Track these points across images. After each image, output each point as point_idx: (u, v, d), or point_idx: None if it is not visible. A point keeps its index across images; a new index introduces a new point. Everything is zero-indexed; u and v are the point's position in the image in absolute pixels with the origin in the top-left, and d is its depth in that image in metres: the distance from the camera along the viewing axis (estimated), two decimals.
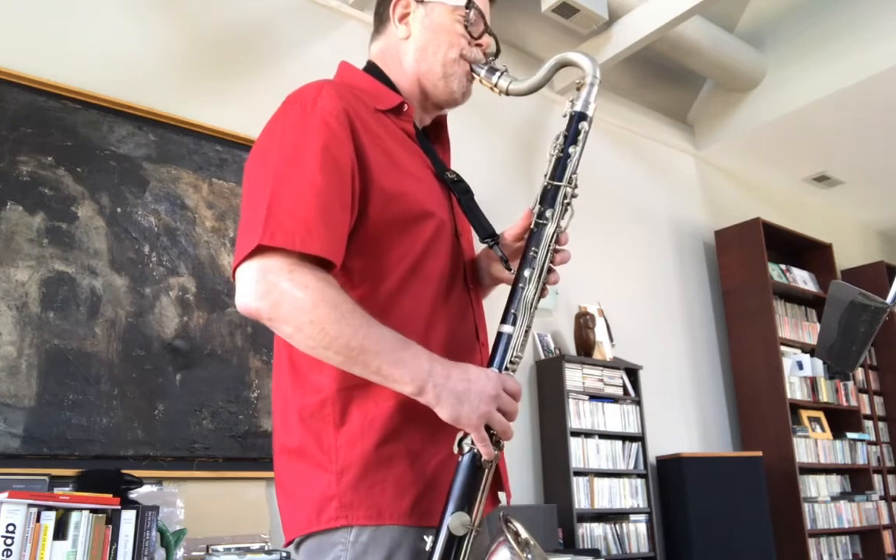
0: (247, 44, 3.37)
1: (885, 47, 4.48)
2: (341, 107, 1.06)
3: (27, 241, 2.57)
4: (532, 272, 1.08)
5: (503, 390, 1.00)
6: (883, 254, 6.79)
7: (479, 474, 0.99)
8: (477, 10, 1.24)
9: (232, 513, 2.72)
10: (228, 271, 3.01)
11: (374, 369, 0.97)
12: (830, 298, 1.43)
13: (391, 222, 1.07)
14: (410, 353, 0.98)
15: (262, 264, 0.97)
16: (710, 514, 4.03)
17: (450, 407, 0.97)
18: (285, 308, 0.96)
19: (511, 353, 1.04)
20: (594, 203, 4.62)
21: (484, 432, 0.98)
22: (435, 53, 1.22)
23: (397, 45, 1.25)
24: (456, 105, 1.27)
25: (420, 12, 1.24)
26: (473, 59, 1.23)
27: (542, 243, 1.09)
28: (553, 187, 1.13)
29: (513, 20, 4.30)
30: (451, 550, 0.95)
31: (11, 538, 1.92)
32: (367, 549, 0.99)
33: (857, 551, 5.18)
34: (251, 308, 0.99)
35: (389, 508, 1.00)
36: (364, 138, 1.07)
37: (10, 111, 2.64)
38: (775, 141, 5.29)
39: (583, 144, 1.15)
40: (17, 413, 2.43)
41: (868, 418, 5.60)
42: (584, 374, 3.98)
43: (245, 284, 0.98)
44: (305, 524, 1.03)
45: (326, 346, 0.96)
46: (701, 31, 4.48)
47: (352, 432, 1.02)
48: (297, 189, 0.99)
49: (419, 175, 1.15)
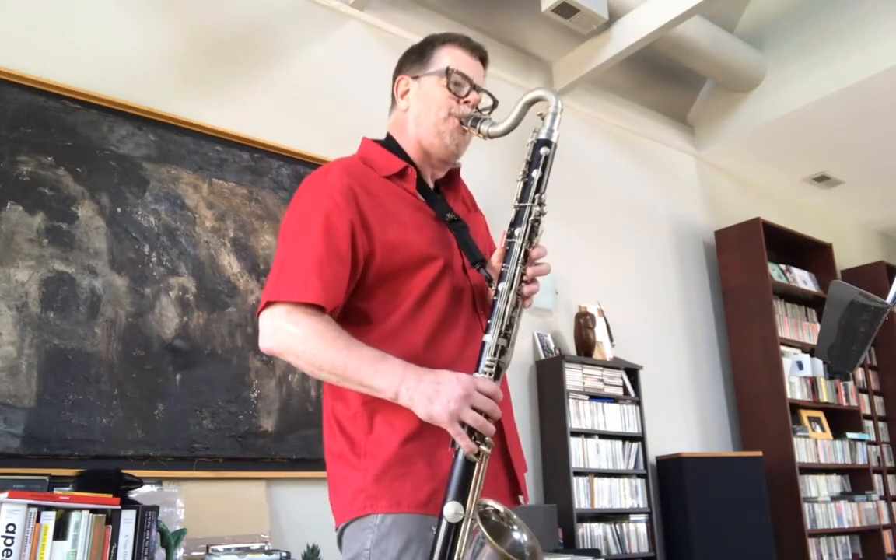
0: (247, 44, 3.37)
1: (885, 47, 4.48)
2: (345, 182, 1.31)
3: (27, 241, 2.57)
4: (504, 285, 1.24)
5: (476, 390, 1.15)
6: (883, 254, 6.79)
7: (469, 468, 1.13)
8: (459, 74, 1.43)
9: (232, 513, 2.72)
10: (228, 271, 3.01)
11: (358, 381, 1.19)
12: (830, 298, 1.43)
13: (397, 268, 1.29)
14: (386, 365, 1.18)
15: (272, 311, 1.25)
16: (710, 514, 4.03)
17: (422, 407, 1.15)
18: (286, 342, 1.23)
19: (486, 358, 1.19)
20: (594, 203, 4.62)
21: (458, 427, 1.13)
22: (427, 118, 1.43)
23: (402, 117, 1.48)
24: (454, 158, 1.46)
25: (415, 86, 1.47)
26: (460, 114, 1.41)
27: (512, 260, 1.25)
28: (520, 208, 1.28)
29: (513, 20, 4.30)
30: (449, 535, 1.11)
31: (11, 538, 1.92)
32: (390, 532, 1.18)
33: (857, 551, 5.18)
34: (265, 346, 1.26)
35: (408, 499, 1.20)
36: (368, 203, 1.30)
37: (10, 111, 2.64)
38: (775, 141, 5.29)
39: (544, 167, 1.30)
40: (17, 413, 2.43)
41: (868, 418, 5.60)
42: (584, 374, 3.98)
43: (262, 328, 1.26)
44: (344, 513, 1.25)
45: (320, 368, 1.21)
46: (701, 31, 4.48)
47: (378, 437, 1.24)
48: (302, 252, 1.26)
49: (420, 226, 1.35)
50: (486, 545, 1.07)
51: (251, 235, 3.10)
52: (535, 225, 1.27)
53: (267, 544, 2.64)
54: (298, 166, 3.27)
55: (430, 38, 1.49)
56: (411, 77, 1.47)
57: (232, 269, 3.02)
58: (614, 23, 4.19)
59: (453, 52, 1.45)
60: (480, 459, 1.14)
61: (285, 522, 2.87)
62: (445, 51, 1.45)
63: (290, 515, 2.89)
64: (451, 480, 1.13)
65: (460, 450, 1.13)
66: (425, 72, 1.45)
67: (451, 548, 1.10)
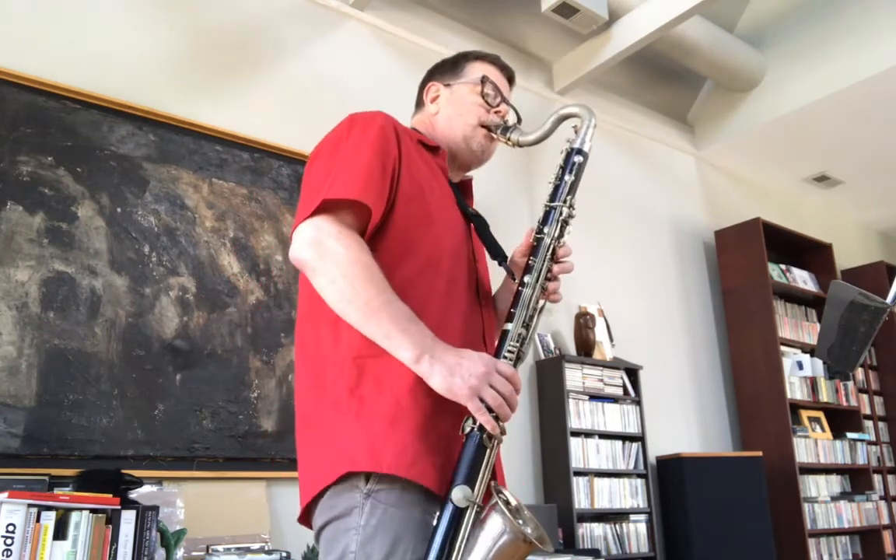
0: (247, 44, 3.37)
1: (885, 47, 4.48)
2: (393, 125, 1.31)
3: (27, 241, 2.57)
4: (531, 277, 1.27)
5: (495, 370, 1.13)
6: (883, 254, 6.79)
7: (481, 452, 1.11)
8: (492, 84, 1.48)
9: (232, 513, 2.72)
10: (228, 271, 3.01)
11: (385, 332, 1.11)
12: (830, 298, 1.43)
13: (415, 217, 1.26)
14: (417, 328, 1.13)
15: (318, 223, 1.17)
16: (710, 514, 4.03)
17: (441, 378, 1.10)
18: (328, 258, 1.14)
19: (508, 344, 1.20)
20: (594, 203, 4.62)
21: (477, 403, 1.10)
22: (457, 122, 1.47)
23: (430, 119, 1.51)
24: (479, 163, 1.50)
25: (446, 92, 1.51)
26: (490, 123, 1.46)
27: (540, 254, 1.29)
28: (550, 208, 1.33)
29: (513, 20, 4.30)
30: (454, 520, 1.08)
31: (11, 538, 1.92)
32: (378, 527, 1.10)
33: (857, 551, 5.18)
34: (300, 257, 1.17)
35: (421, 463, 1.11)
36: (407, 150, 1.30)
37: (10, 111, 2.64)
38: (775, 141, 5.29)
39: (577, 174, 1.35)
40: (17, 413, 2.43)
41: (868, 418, 5.60)
42: (584, 374, 3.98)
43: (301, 236, 1.17)
44: (325, 477, 1.14)
45: (350, 301, 1.12)
46: (701, 31, 4.48)
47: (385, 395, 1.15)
48: (356, 166, 1.21)
49: (444, 195, 1.37)
50: (505, 525, 1.05)
51: (251, 235, 3.10)
52: (563, 225, 1.32)
53: (267, 544, 2.64)
54: (298, 166, 3.27)
55: (463, 53, 1.56)
56: (443, 84, 1.52)
57: (232, 269, 3.02)
58: (614, 23, 4.19)
59: (486, 67, 1.51)
60: (492, 445, 1.12)
61: (285, 522, 2.87)
62: (479, 65, 1.51)
63: (290, 515, 2.88)
64: (460, 463, 1.10)
65: (472, 433, 1.11)
66: (458, 80, 1.50)
67: (453, 533, 1.07)
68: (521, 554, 1.06)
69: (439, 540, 1.07)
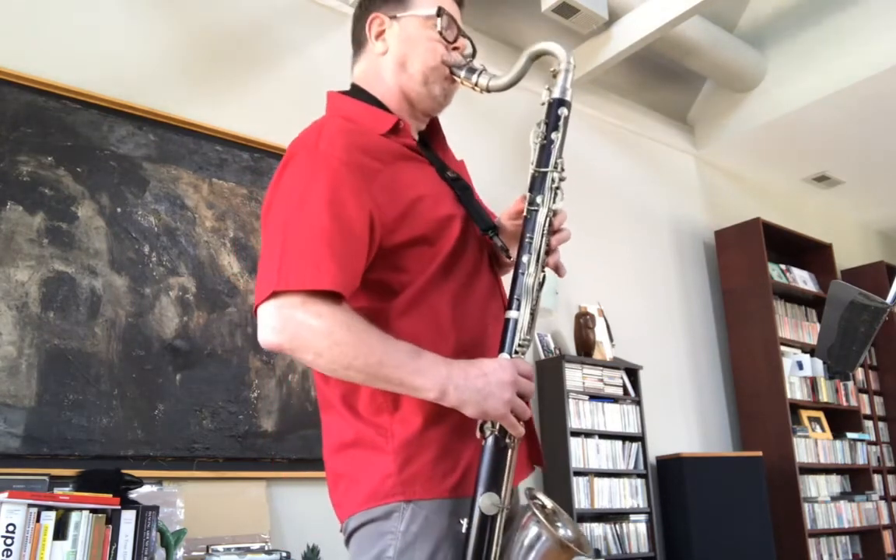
0: (247, 44, 3.37)
1: (885, 47, 4.48)
2: (342, 146, 1.12)
3: (27, 241, 2.57)
4: (530, 257, 1.15)
5: (518, 374, 1.09)
6: (883, 254, 6.79)
7: (503, 455, 1.07)
8: (448, 16, 1.28)
9: (232, 513, 2.72)
10: (228, 271, 3.01)
11: (397, 382, 1.04)
12: (830, 298, 1.43)
13: (416, 234, 1.13)
14: (427, 362, 1.05)
15: (278, 302, 1.03)
16: (710, 514, 4.03)
17: (475, 404, 1.05)
18: (303, 337, 1.03)
19: (519, 337, 1.12)
20: (594, 203, 4.62)
21: (512, 419, 1.07)
22: (413, 63, 1.26)
23: (377, 62, 1.30)
24: (441, 109, 1.32)
25: (395, 27, 1.28)
26: (452, 62, 1.27)
27: (536, 229, 1.16)
28: (540, 174, 1.19)
29: (513, 20, 4.30)
30: (485, 529, 1.03)
31: (11, 538, 1.92)
32: (416, 540, 1.05)
33: (857, 551, 5.18)
34: (272, 343, 1.05)
35: (442, 484, 1.08)
36: (371, 167, 1.12)
37: (10, 111, 2.64)
38: (775, 141, 5.29)
39: (564, 129, 1.21)
40: (17, 413, 2.43)
41: (868, 418, 5.60)
42: (584, 374, 3.98)
43: (264, 322, 1.05)
44: (365, 501, 1.09)
45: (347, 367, 1.03)
46: (701, 31, 4.48)
47: (405, 416, 1.09)
48: (306, 233, 1.05)
49: (429, 182, 1.21)
50: (542, 533, 1.02)
51: (251, 235, 3.10)
52: (556, 192, 1.18)
53: (267, 544, 2.63)
54: None
55: None
56: (388, 16, 1.28)
57: (232, 269, 3.02)
58: (614, 23, 4.19)
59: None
60: (513, 446, 1.08)
61: (285, 522, 2.87)
62: None
63: (290, 515, 2.89)
64: (482, 469, 1.05)
65: (490, 436, 1.07)
66: (406, 11, 1.27)
67: (487, 542, 1.03)
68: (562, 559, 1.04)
69: (472, 551, 1.03)
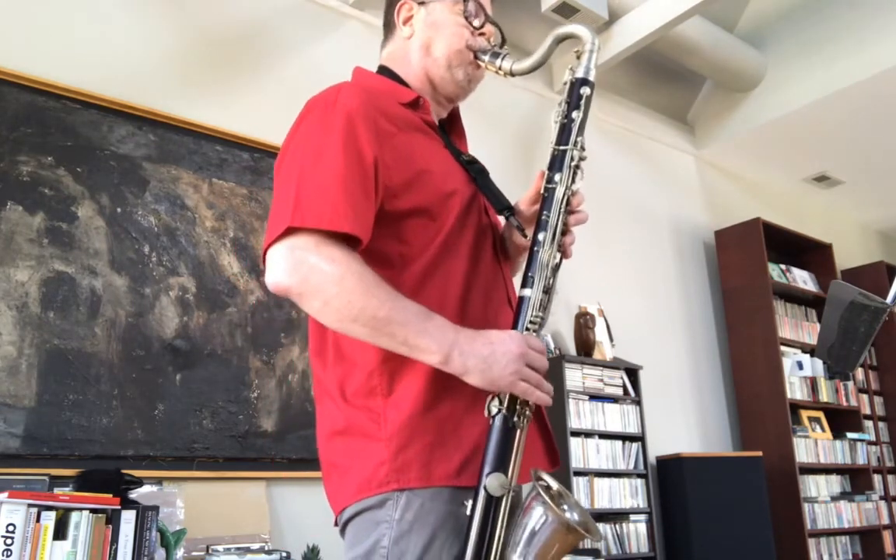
0: (247, 44, 3.37)
1: (886, 47, 4.48)
2: (360, 102, 1.12)
3: (27, 241, 2.57)
4: (545, 235, 1.13)
5: (528, 347, 1.04)
6: (883, 254, 6.79)
7: (511, 435, 1.03)
8: (475, 2, 1.31)
9: (232, 513, 2.72)
10: (228, 271, 3.01)
11: (401, 340, 1.01)
12: (830, 298, 1.43)
13: (420, 205, 1.13)
14: (435, 324, 1.02)
15: (291, 243, 1.01)
16: (710, 514, 4.03)
17: (479, 373, 1.01)
18: (313, 281, 1.00)
19: (531, 314, 1.09)
20: (594, 203, 4.58)
21: (525, 385, 1.02)
22: (438, 48, 1.29)
23: (404, 45, 1.33)
24: (465, 94, 1.34)
25: (422, 12, 1.31)
26: (477, 47, 1.29)
27: (553, 207, 1.14)
28: (560, 152, 1.17)
29: (513, 20, 4.30)
30: (489, 510, 0.99)
31: (11, 538, 1.92)
32: (412, 529, 1.02)
33: (857, 551, 5.18)
34: (281, 284, 1.01)
35: (439, 470, 1.04)
36: (386, 129, 1.13)
37: (10, 111, 2.64)
38: (775, 141, 5.29)
39: (585, 109, 1.19)
40: (17, 413, 2.43)
41: (868, 418, 5.60)
42: (584, 374, 3.98)
43: (275, 263, 1.02)
44: (359, 491, 1.06)
45: (354, 319, 1.00)
46: (701, 31, 4.48)
47: (399, 400, 1.06)
48: (323, 177, 1.04)
49: (440, 158, 1.22)
50: (547, 515, 0.98)
51: (251, 235, 3.10)
52: (576, 171, 1.17)
53: (267, 544, 2.64)
54: None
55: None
56: (416, 2, 1.32)
57: (232, 269, 3.02)
58: (614, 23, 4.19)
59: None
60: (522, 426, 1.03)
61: (285, 522, 2.87)
62: None
63: (290, 515, 2.89)
64: (489, 449, 1.02)
65: (498, 415, 1.03)
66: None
67: (491, 524, 0.99)
68: (568, 543, 0.99)
69: (475, 533, 0.99)
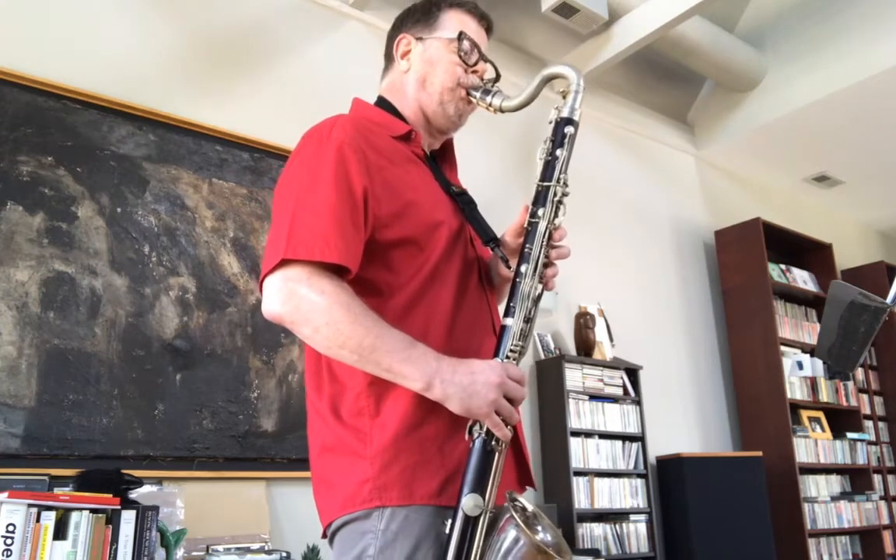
0: (247, 44, 3.37)
1: (886, 47, 4.48)
2: (353, 135, 1.19)
3: (27, 241, 2.57)
4: (528, 267, 1.18)
5: (507, 377, 1.10)
6: (883, 254, 6.79)
7: (490, 458, 1.08)
8: (470, 41, 1.36)
9: (232, 513, 2.72)
10: (228, 271, 3.01)
11: (386, 367, 1.08)
12: (830, 298, 1.43)
13: (407, 235, 1.18)
14: (418, 353, 1.08)
15: (284, 274, 1.09)
16: (710, 514, 4.03)
17: (458, 401, 1.07)
18: (304, 310, 1.08)
19: (510, 342, 1.14)
20: (594, 203, 4.62)
21: (497, 419, 1.08)
22: (432, 83, 1.35)
23: (401, 78, 1.39)
24: (456, 128, 1.40)
25: (419, 48, 1.38)
26: (469, 84, 1.35)
27: (536, 240, 1.20)
28: (544, 188, 1.24)
29: (513, 20, 4.30)
30: (466, 530, 1.05)
31: (11, 538, 1.92)
32: (396, 538, 1.07)
33: (857, 551, 5.18)
34: (275, 313, 1.11)
35: (421, 489, 1.09)
36: (377, 162, 1.19)
37: (10, 111, 2.64)
38: (775, 141, 5.29)
39: (569, 147, 1.26)
40: (17, 413, 2.43)
41: (868, 418, 5.60)
42: (584, 374, 3.98)
43: (270, 293, 1.11)
44: (343, 506, 1.12)
45: (341, 346, 1.07)
46: (701, 31, 4.48)
47: (384, 422, 1.12)
48: (315, 209, 1.11)
49: (429, 190, 1.28)
50: (520, 537, 1.02)
51: (251, 235, 3.10)
52: (558, 206, 1.23)
53: (267, 544, 2.64)
54: None
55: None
56: (414, 37, 1.38)
57: (232, 269, 3.02)
58: (614, 23, 4.19)
59: (462, 17, 1.37)
60: (500, 450, 1.09)
61: (285, 522, 2.87)
62: (454, 15, 1.37)
63: (290, 515, 2.89)
64: (469, 471, 1.07)
65: (478, 439, 1.08)
66: (432, 34, 1.37)
67: (468, 543, 1.04)
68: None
69: (453, 551, 1.04)
